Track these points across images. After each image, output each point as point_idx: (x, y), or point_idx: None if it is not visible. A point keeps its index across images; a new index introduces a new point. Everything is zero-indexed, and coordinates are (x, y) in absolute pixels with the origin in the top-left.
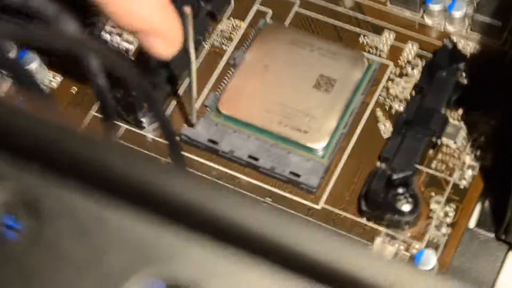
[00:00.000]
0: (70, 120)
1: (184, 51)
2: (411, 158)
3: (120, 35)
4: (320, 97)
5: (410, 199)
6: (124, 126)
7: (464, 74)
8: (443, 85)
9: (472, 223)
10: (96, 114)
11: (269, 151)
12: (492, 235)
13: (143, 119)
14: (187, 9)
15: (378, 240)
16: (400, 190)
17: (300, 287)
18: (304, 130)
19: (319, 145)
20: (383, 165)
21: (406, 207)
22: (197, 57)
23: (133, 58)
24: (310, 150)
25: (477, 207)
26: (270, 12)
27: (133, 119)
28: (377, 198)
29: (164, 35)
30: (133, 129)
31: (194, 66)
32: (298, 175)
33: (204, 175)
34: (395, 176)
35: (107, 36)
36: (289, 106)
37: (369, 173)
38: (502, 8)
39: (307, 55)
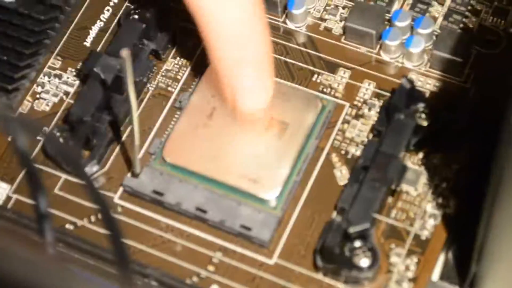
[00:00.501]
0: None
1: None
2: (368, 209)
3: (59, 77)
4: (271, 142)
5: (368, 253)
6: (63, 176)
7: (423, 115)
8: (401, 128)
9: (435, 276)
10: None
11: (218, 203)
12: None
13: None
14: (124, 52)
15: None
16: (358, 244)
17: None
18: (254, 179)
19: (271, 195)
20: (339, 217)
21: (364, 262)
22: (141, 100)
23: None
24: (261, 201)
25: (441, 258)
26: None
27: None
28: (333, 253)
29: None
30: (72, 179)
31: (135, 111)
32: (249, 229)
33: (152, 229)
34: (351, 230)
35: (45, 79)
36: (238, 152)
37: (325, 225)
38: (461, 43)
39: None
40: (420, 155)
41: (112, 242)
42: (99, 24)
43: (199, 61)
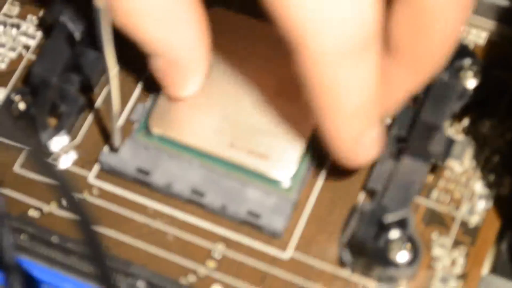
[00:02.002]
0: None
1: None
2: (407, 191)
3: (17, 27)
4: (284, 108)
5: (407, 245)
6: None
7: (470, 74)
8: (445, 91)
9: (485, 270)
10: None
11: (219, 184)
12: None
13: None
14: (99, 1)
15: None
16: (394, 234)
17: None
18: (264, 154)
19: (285, 174)
20: (370, 202)
21: (401, 257)
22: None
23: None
24: (272, 181)
25: (491, 249)
26: None
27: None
28: (364, 246)
29: None
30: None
31: (113, 69)
32: (257, 215)
33: (136, 217)
34: (388, 218)
35: (0, 28)
36: (242, 122)
37: (351, 210)
38: None
39: (264, 52)
40: (466, 122)
41: (83, 232)
42: None
43: None
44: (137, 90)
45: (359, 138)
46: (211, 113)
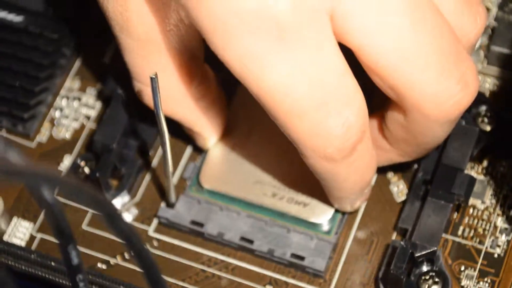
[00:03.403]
0: None
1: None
2: (435, 230)
3: (79, 99)
4: None
5: (437, 279)
6: (90, 210)
7: (486, 119)
8: (464, 136)
9: None
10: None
11: (265, 231)
12: None
13: (112, 202)
14: (154, 73)
15: None
16: (425, 268)
17: None
18: (303, 202)
19: (324, 219)
20: (402, 240)
21: None
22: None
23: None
24: (313, 225)
25: None
26: None
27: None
28: (398, 280)
29: None
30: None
31: (166, 134)
32: (301, 258)
33: (193, 264)
34: (418, 254)
35: (63, 101)
36: (283, 174)
37: (385, 248)
38: None
39: None
40: (485, 163)
41: (149, 281)
42: None
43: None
44: (188, 150)
45: (356, 203)
46: (254, 167)
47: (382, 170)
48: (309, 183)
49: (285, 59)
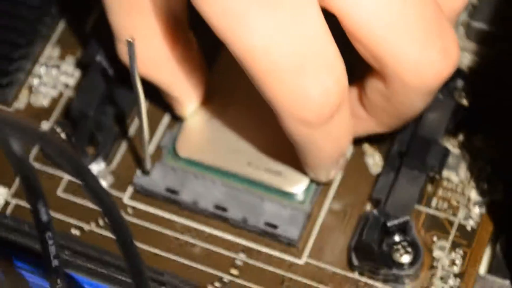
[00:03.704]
0: None
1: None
2: (408, 200)
3: (58, 67)
4: None
5: (409, 248)
6: (66, 177)
7: (463, 94)
8: (440, 109)
9: (482, 269)
10: None
11: (239, 199)
12: (507, 282)
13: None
14: (131, 37)
15: None
16: (397, 238)
17: None
18: (279, 171)
19: (298, 188)
20: (375, 209)
21: (405, 258)
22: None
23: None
24: (287, 195)
25: (487, 250)
26: None
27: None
28: (370, 249)
29: None
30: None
31: (143, 102)
32: (275, 226)
33: (166, 231)
34: (390, 223)
35: (42, 69)
36: (259, 144)
37: (359, 219)
38: (503, 10)
39: None
40: (460, 137)
41: (123, 247)
42: (100, 7)
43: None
44: (166, 119)
45: (331, 173)
46: (231, 136)
47: (358, 142)
48: (286, 153)
49: (266, 18)
